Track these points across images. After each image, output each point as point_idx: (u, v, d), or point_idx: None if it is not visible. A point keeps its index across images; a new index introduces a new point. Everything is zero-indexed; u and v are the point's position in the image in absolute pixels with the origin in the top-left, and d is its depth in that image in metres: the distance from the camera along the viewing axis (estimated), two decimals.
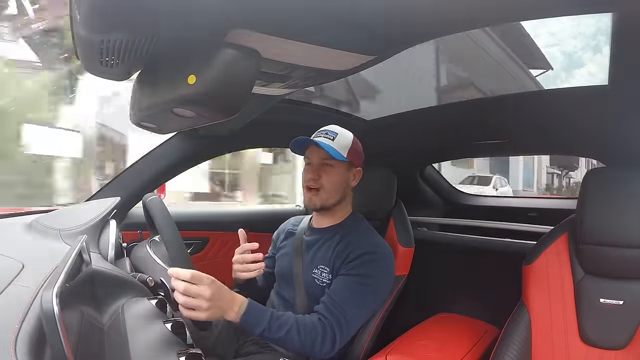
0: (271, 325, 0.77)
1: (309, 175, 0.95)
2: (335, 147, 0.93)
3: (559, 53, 15.55)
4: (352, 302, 0.85)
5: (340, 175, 0.95)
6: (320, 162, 0.95)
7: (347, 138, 0.97)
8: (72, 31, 0.52)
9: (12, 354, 0.35)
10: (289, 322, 0.79)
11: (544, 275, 0.84)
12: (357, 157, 0.98)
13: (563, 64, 14.40)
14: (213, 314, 0.69)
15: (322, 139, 0.94)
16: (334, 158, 0.92)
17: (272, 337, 0.78)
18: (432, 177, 1.76)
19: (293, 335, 0.78)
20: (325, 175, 0.94)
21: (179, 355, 0.50)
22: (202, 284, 0.67)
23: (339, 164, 0.94)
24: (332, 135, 0.95)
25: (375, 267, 0.89)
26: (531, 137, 1.22)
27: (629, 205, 0.76)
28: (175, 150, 1.22)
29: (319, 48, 0.57)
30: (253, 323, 0.75)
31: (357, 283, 0.86)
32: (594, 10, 0.49)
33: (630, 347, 0.74)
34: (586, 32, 13.23)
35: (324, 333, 0.81)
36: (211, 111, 0.54)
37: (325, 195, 0.95)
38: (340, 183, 0.96)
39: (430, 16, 0.52)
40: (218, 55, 0.49)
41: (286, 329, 0.78)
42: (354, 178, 0.99)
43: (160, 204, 0.77)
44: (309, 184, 0.95)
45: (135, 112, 0.65)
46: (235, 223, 1.50)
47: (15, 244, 0.69)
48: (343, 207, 1.00)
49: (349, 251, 0.90)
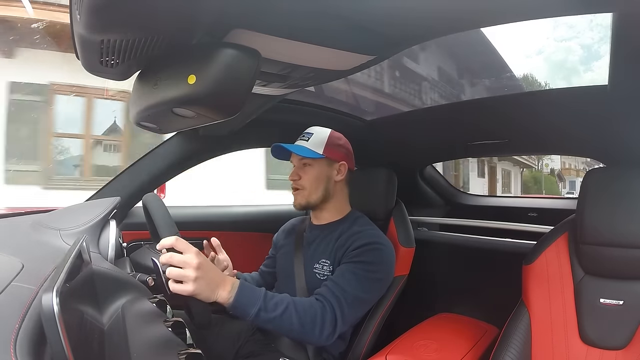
0: (267, 303, 0.72)
1: (290, 178, 0.99)
2: (308, 147, 0.96)
3: (578, 46, 15.45)
4: (353, 284, 0.83)
5: (319, 171, 0.97)
6: (299, 163, 0.99)
7: (321, 135, 0.99)
8: (72, 31, 0.52)
9: (12, 353, 0.35)
10: (284, 300, 0.75)
11: (544, 275, 0.84)
12: (337, 151, 0.99)
13: (582, 57, 14.28)
14: (201, 288, 0.63)
15: (298, 142, 0.98)
16: (308, 157, 0.95)
17: (268, 317, 0.72)
18: (432, 177, 1.76)
19: (291, 314, 0.74)
20: (304, 175, 0.97)
21: (179, 355, 0.50)
22: (188, 252, 0.63)
23: (317, 162, 0.97)
24: (307, 136, 0.99)
25: (377, 256, 0.89)
26: (531, 137, 1.22)
27: (629, 205, 0.76)
28: (175, 150, 1.22)
29: (319, 48, 0.57)
30: (246, 302, 0.70)
31: (359, 268, 0.86)
32: (594, 10, 0.49)
33: (630, 347, 0.74)
34: (603, 23, 13.09)
35: (323, 312, 0.78)
36: (211, 111, 0.54)
37: (306, 193, 0.97)
38: (319, 179, 0.97)
39: (430, 16, 0.52)
40: (218, 55, 0.49)
41: (282, 308, 0.74)
42: (338, 172, 0.99)
43: (160, 203, 0.77)
44: (292, 186, 0.99)
45: (135, 112, 0.65)
46: (236, 223, 1.50)
47: (15, 244, 0.69)
48: (336, 203, 1.01)
49: (351, 242, 0.91)
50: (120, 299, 0.63)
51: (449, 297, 1.43)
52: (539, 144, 1.33)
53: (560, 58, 14.55)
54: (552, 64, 14.78)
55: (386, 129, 1.38)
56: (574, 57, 14.50)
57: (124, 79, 0.63)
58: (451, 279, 1.44)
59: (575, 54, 14.90)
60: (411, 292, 1.22)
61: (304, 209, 1.01)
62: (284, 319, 0.74)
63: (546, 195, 9.09)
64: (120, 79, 0.63)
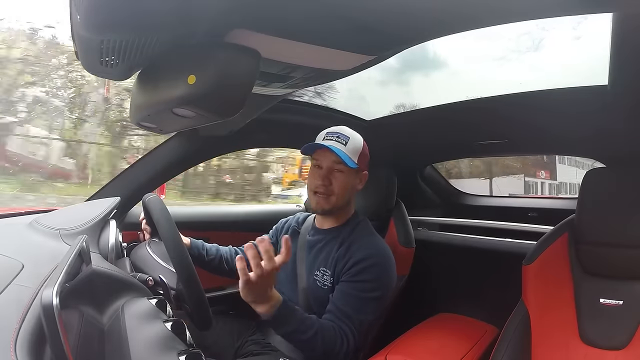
0: (300, 326, 0.77)
1: (318, 181, 0.93)
2: (347, 153, 0.91)
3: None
4: (358, 307, 0.85)
5: (350, 180, 0.95)
6: (330, 166, 0.93)
7: (358, 143, 0.95)
8: (72, 31, 0.52)
9: (12, 353, 0.35)
10: (314, 325, 0.79)
11: (544, 275, 0.84)
12: (365, 162, 0.97)
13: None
14: (253, 291, 0.69)
15: (334, 143, 0.92)
16: (346, 164, 0.91)
17: (299, 338, 0.77)
18: (432, 177, 1.76)
19: (317, 340, 0.78)
20: (335, 181, 0.93)
21: (179, 355, 0.50)
22: (269, 261, 0.67)
23: (348, 170, 0.93)
24: (344, 139, 0.93)
25: (376, 273, 0.88)
26: (531, 137, 1.22)
27: (628, 205, 0.76)
28: (175, 150, 1.21)
29: (319, 48, 0.57)
30: (284, 320, 0.75)
31: (358, 289, 0.86)
32: (594, 10, 0.49)
33: (630, 347, 0.74)
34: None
35: (342, 343, 0.81)
36: (211, 111, 0.54)
37: (334, 200, 0.94)
38: (349, 188, 0.95)
39: (430, 16, 0.52)
40: (218, 55, 0.49)
41: (312, 332, 0.78)
42: (360, 182, 0.98)
43: (160, 203, 0.77)
44: (318, 190, 0.93)
45: (135, 112, 0.65)
46: (236, 223, 1.50)
47: (15, 244, 0.69)
48: (346, 209, 1.00)
49: (350, 256, 0.90)
50: (120, 298, 0.63)
51: (449, 297, 1.43)
52: (539, 144, 1.33)
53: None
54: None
55: (386, 129, 1.38)
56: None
57: (124, 79, 0.63)
58: (451, 279, 1.45)
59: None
60: (411, 292, 1.22)
61: (324, 214, 0.98)
62: (311, 341, 0.78)
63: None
64: (120, 79, 0.63)
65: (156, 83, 0.57)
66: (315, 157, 0.95)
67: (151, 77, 0.60)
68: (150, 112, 0.61)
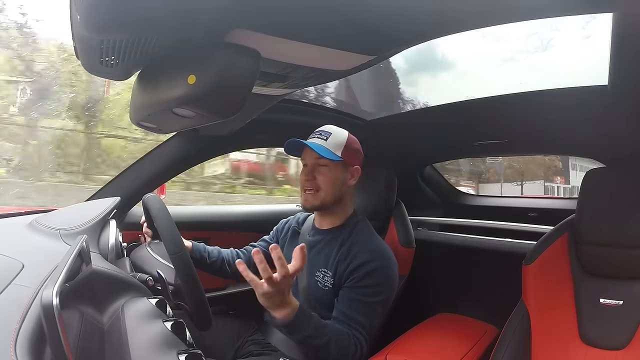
0: (316, 332, 0.77)
1: (303, 177, 0.96)
2: (328, 147, 0.93)
3: None
4: (364, 312, 0.86)
5: (336, 174, 0.95)
6: (314, 163, 0.95)
7: (340, 137, 0.96)
8: (72, 31, 0.52)
9: (12, 354, 0.35)
10: (330, 332, 0.79)
11: (544, 275, 0.84)
12: (353, 156, 0.97)
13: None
14: (263, 303, 0.69)
15: (315, 140, 0.94)
16: (326, 158, 0.92)
17: (314, 343, 0.77)
18: (432, 177, 1.76)
19: (331, 347, 0.78)
20: (319, 176, 0.94)
21: (179, 355, 0.50)
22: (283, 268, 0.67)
23: (333, 164, 0.94)
24: (325, 135, 0.95)
25: (378, 277, 0.88)
26: (531, 137, 1.22)
27: (628, 205, 0.76)
28: (175, 150, 1.21)
29: (319, 48, 0.57)
30: (300, 325, 0.75)
31: (366, 295, 0.86)
32: (594, 10, 0.49)
33: (630, 347, 0.74)
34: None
35: (355, 349, 0.82)
36: (211, 111, 0.54)
37: (322, 195, 0.94)
38: (335, 182, 0.95)
39: (430, 16, 0.52)
40: (218, 55, 0.49)
41: (327, 339, 0.78)
42: (351, 177, 0.98)
43: (159, 203, 0.77)
44: (304, 186, 0.95)
45: (135, 112, 0.65)
46: (236, 223, 1.50)
47: (15, 244, 0.69)
48: (343, 207, 0.99)
49: (351, 259, 0.90)
50: (120, 298, 0.63)
51: (449, 297, 1.43)
52: (538, 144, 1.33)
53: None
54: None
55: (386, 129, 1.38)
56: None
57: (124, 79, 0.63)
58: (451, 279, 1.45)
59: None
60: (411, 292, 1.22)
61: (314, 210, 0.98)
62: (325, 348, 0.78)
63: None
64: (120, 79, 0.63)
65: (156, 83, 0.57)
66: (302, 157, 0.98)
67: (151, 77, 0.60)
68: (151, 112, 0.61)
